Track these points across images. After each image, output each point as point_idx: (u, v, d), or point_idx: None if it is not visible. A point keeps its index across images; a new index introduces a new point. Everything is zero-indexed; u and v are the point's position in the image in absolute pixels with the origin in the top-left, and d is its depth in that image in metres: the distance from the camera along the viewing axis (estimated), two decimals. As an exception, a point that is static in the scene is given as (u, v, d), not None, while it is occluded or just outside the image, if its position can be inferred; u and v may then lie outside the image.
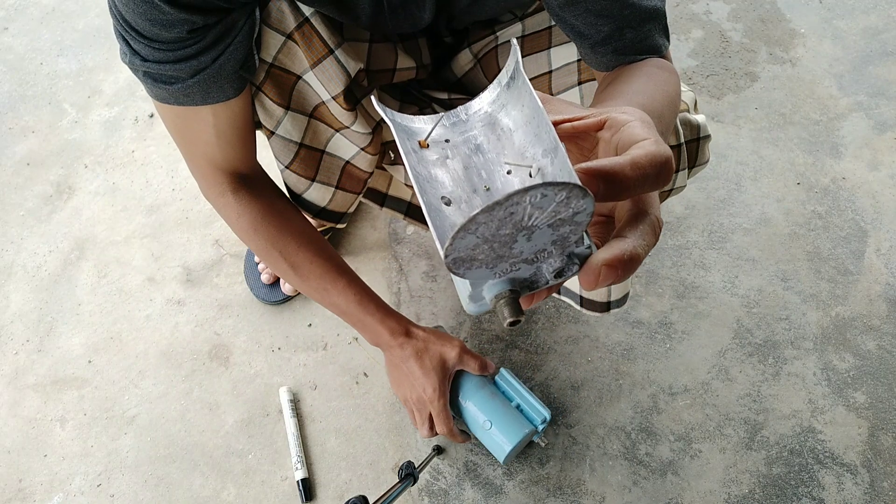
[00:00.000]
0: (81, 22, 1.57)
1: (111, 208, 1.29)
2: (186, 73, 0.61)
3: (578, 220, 0.32)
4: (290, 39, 0.67)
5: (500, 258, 0.33)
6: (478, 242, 0.31)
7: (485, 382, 0.94)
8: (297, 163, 0.79)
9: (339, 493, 1.01)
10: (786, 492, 1.00)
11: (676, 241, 1.22)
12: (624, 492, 1.01)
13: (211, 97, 0.65)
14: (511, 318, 0.35)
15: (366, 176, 0.85)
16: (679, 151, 0.73)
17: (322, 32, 0.66)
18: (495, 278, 0.35)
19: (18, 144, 1.39)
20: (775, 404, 1.07)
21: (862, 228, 1.23)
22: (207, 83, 0.62)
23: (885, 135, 1.34)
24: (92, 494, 1.03)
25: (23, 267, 1.24)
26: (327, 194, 0.84)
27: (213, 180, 0.77)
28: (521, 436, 0.90)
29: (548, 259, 0.35)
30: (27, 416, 1.09)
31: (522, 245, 0.33)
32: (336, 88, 0.69)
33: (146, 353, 1.14)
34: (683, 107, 0.76)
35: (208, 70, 0.61)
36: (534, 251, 0.34)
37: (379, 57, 0.75)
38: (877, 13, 1.52)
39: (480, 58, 0.83)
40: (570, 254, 0.36)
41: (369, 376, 1.10)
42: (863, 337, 1.12)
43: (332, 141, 0.79)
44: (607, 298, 0.89)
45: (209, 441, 1.06)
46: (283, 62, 0.69)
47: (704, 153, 0.77)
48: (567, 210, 0.30)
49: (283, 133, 0.76)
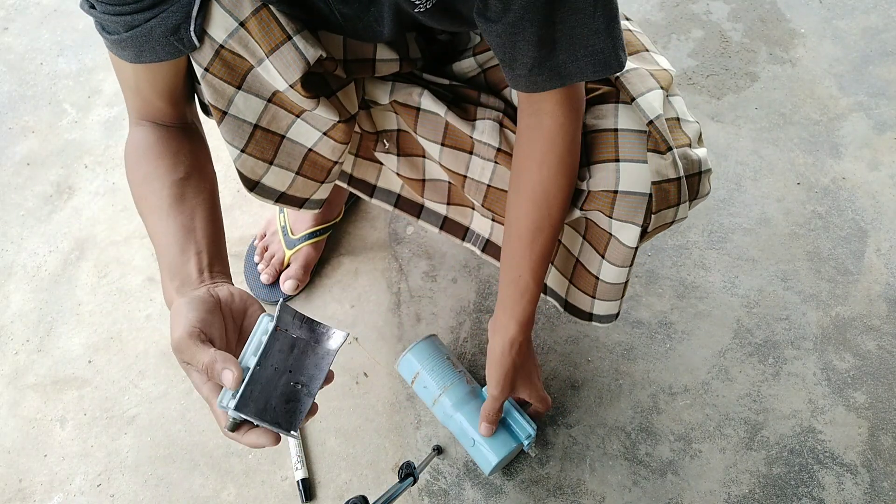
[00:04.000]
0: (81, 22, 1.57)
1: (111, 208, 1.30)
2: (122, 27, 0.65)
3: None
4: (242, 27, 0.66)
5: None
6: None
7: (471, 396, 0.95)
8: (252, 145, 0.76)
9: (339, 493, 1.01)
10: (786, 492, 1.00)
11: (676, 241, 1.22)
12: (624, 492, 1.01)
13: (144, 56, 0.68)
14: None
15: (330, 164, 0.83)
16: (678, 185, 0.75)
17: (280, 19, 0.65)
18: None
19: (18, 144, 1.39)
20: (775, 404, 1.07)
21: (862, 228, 1.23)
22: (140, 41, 0.66)
23: (885, 135, 1.34)
24: (92, 494, 1.03)
25: (23, 267, 1.24)
26: (287, 179, 0.82)
27: (130, 119, 0.79)
28: (506, 452, 0.92)
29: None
30: (27, 416, 1.09)
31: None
32: (293, 76, 0.67)
33: (146, 352, 1.14)
34: (685, 141, 0.77)
35: (139, 28, 0.65)
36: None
37: (355, 47, 0.74)
38: (877, 13, 1.52)
39: (486, 69, 0.83)
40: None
41: (369, 376, 1.10)
42: (863, 337, 1.12)
43: (293, 127, 0.78)
44: (590, 309, 0.89)
45: (209, 441, 1.06)
46: (234, 48, 0.68)
47: (705, 186, 0.80)
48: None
49: (235, 112, 0.73)
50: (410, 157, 0.89)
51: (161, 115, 0.77)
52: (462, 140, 0.82)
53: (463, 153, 0.83)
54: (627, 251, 0.78)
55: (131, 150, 0.76)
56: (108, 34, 0.67)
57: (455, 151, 0.83)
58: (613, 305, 0.88)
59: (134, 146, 0.76)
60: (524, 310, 0.82)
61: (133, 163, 0.75)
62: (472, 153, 0.82)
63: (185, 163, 0.74)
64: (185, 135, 0.78)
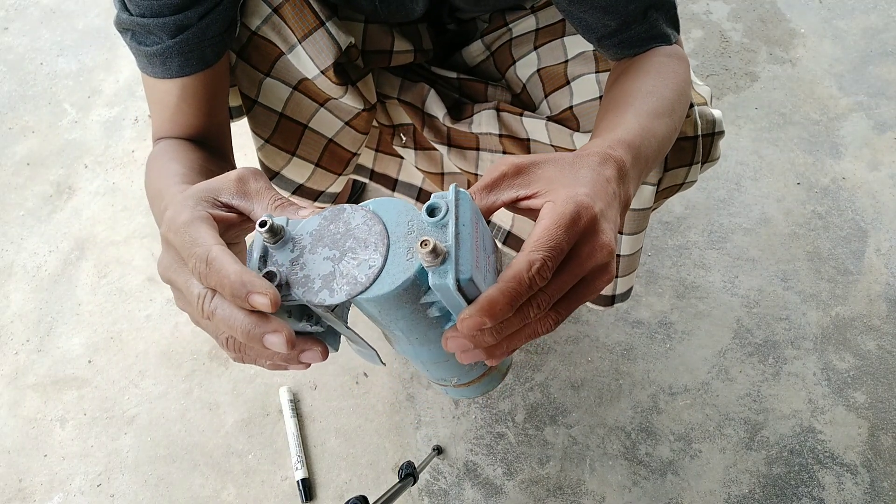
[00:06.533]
0: (81, 22, 1.57)
1: (111, 208, 1.29)
2: (168, 32, 0.58)
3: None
4: (276, 13, 0.66)
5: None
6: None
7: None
8: (277, 135, 0.77)
9: (339, 493, 1.01)
10: (786, 492, 1.00)
11: (676, 241, 1.22)
12: (624, 492, 1.01)
13: (191, 64, 0.61)
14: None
15: (349, 156, 0.83)
16: (694, 144, 0.72)
17: (314, 4, 0.66)
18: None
19: (18, 144, 1.39)
20: (775, 404, 1.07)
21: (862, 228, 1.23)
22: (189, 46, 0.59)
23: (885, 135, 1.34)
24: (92, 494, 1.02)
25: (23, 267, 1.24)
26: (306, 170, 0.82)
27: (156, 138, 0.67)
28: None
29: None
30: (27, 416, 1.09)
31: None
32: (326, 62, 0.67)
33: (146, 352, 1.14)
34: (701, 100, 0.74)
35: (191, 31, 0.59)
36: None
37: (374, 38, 0.75)
38: (877, 13, 1.52)
39: (494, 51, 0.83)
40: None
41: (369, 376, 1.10)
42: (863, 337, 1.12)
43: (315, 116, 0.78)
44: (612, 292, 0.89)
45: (209, 441, 1.06)
46: (267, 34, 0.68)
47: (717, 149, 0.77)
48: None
49: (263, 100, 0.73)
50: (427, 150, 0.90)
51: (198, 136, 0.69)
52: (467, 139, 0.82)
53: (471, 151, 0.83)
54: (640, 215, 0.76)
55: (153, 157, 0.63)
56: (146, 46, 0.59)
57: (462, 150, 0.83)
58: (630, 279, 0.86)
59: (156, 153, 0.63)
60: (641, 139, 0.52)
61: (151, 164, 0.62)
62: (479, 149, 0.83)
63: (207, 156, 0.66)
64: (216, 152, 0.71)
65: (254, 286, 0.36)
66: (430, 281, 0.36)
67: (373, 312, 0.39)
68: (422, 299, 0.38)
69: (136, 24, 0.58)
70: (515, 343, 0.40)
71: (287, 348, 0.36)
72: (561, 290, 0.38)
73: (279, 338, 0.36)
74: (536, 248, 0.37)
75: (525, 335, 0.39)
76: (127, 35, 0.60)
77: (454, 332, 0.38)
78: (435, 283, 0.35)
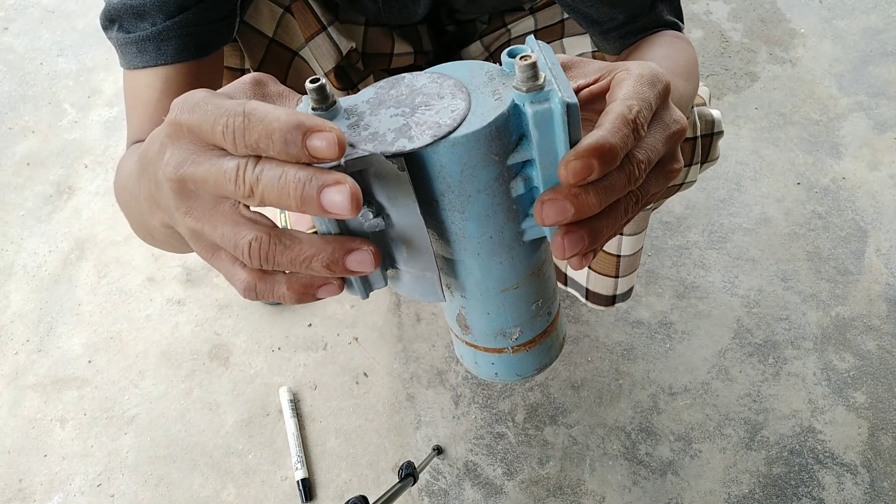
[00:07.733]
0: (81, 22, 1.57)
1: (111, 208, 1.30)
2: (169, 8, 0.55)
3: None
4: (287, 12, 0.66)
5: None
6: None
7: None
8: None
9: (339, 493, 1.01)
10: (786, 492, 1.00)
11: (676, 241, 1.22)
12: (624, 492, 1.01)
13: (188, 49, 0.57)
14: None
15: None
16: (693, 145, 0.72)
17: (315, 8, 0.66)
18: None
19: (18, 144, 1.39)
20: (775, 404, 1.07)
21: (862, 228, 1.23)
22: (187, 28, 0.56)
23: (885, 135, 1.34)
24: (92, 494, 1.03)
25: (23, 267, 1.24)
26: None
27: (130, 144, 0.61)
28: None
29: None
30: (27, 416, 1.09)
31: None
32: (328, 65, 0.68)
33: (146, 353, 1.14)
34: (700, 100, 0.75)
35: (192, 11, 0.56)
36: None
37: (375, 40, 0.75)
38: (877, 13, 1.52)
39: (493, 52, 0.83)
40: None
41: (369, 376, 1.10)
42: (863, 337, 1.12)
43: None
44: (613, 292, 0.89)
45: (209, 441, 1.06)
46: (282, 38, 0.68)
47: (716, 149, 0.77)
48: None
49: None
50: None
51: None
52: None
53: None
54: (641, 215, 0.76)
55: (124, 158, 0.53)
56: (138, 32, 0.56)
57: None
58: (631, 279, 0.87)
59: (128, 153, 0.54)
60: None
61: (123, 163, 0.52)
62: None
63: None
64: None
65: (314, 124, 0.27)
66: (530, 110, 0.29)
67: (451, 180, 0.32)
68: (510, 159, 0.32)
69: (127, 9, 0.55)
70: (611, 226, 0.33)
71: (351, 206, 0.27)
72: (656, 150, 0.33)
73: (342, 193, 0.27)
74: (628, 98, 0.32)
75: (618, 215, 0.33)
76: (113, 27, 0.57)
77: (552, 194, 0.31)
78: (538, 110, 0.29)
